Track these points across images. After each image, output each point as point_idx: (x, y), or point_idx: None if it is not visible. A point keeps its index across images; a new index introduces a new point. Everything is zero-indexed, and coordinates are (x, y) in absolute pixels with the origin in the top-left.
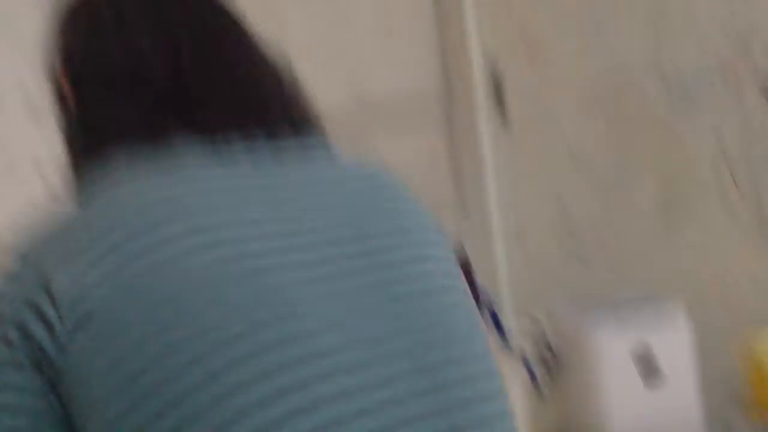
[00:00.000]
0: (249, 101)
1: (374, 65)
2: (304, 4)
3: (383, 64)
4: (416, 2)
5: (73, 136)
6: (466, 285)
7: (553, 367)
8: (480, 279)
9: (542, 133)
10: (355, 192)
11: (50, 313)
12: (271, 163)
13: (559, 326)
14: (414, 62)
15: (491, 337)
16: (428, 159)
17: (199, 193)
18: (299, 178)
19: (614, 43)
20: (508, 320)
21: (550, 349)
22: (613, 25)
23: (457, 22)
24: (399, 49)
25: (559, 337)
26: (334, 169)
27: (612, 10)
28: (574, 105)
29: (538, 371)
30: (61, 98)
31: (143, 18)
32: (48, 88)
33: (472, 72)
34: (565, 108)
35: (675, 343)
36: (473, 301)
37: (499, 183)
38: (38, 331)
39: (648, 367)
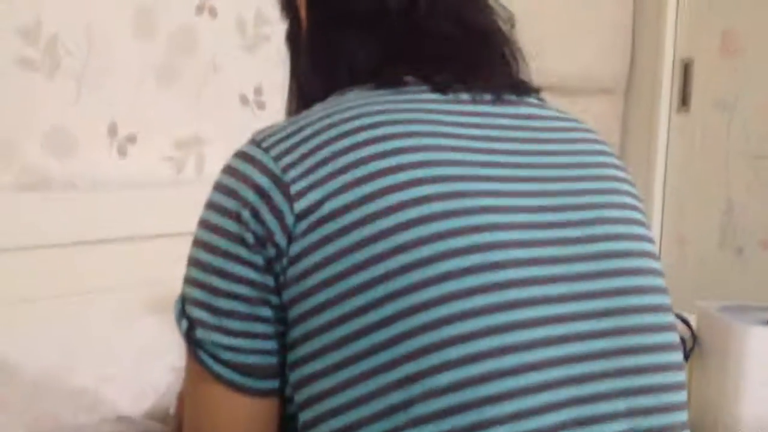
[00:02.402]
0: (476, 61)
1: (564, 49)
2: None
3: (572, 50)
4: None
5: (301, 61)
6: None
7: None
8: None
9: (721, 121)
10: (570, 137)
11: (283, 207)
12: (494, 105)
13: (708, 322)
14: (603, 50)
15: None
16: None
17: (427, 113)
18: (523, 122)
19: None
20: None
21: (693, 337)
22: None
23: (653, 19)
24: (590, 37)
25: (706, 332)
26: (554, 118)
27: None
28: (760, 97)
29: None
30: (293, 20)
31: None
32: (279, 12)
33: (663, 59)
34: (748, 99)
35: None
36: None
37: (668, 167)
38: (270, 220)
39: None
